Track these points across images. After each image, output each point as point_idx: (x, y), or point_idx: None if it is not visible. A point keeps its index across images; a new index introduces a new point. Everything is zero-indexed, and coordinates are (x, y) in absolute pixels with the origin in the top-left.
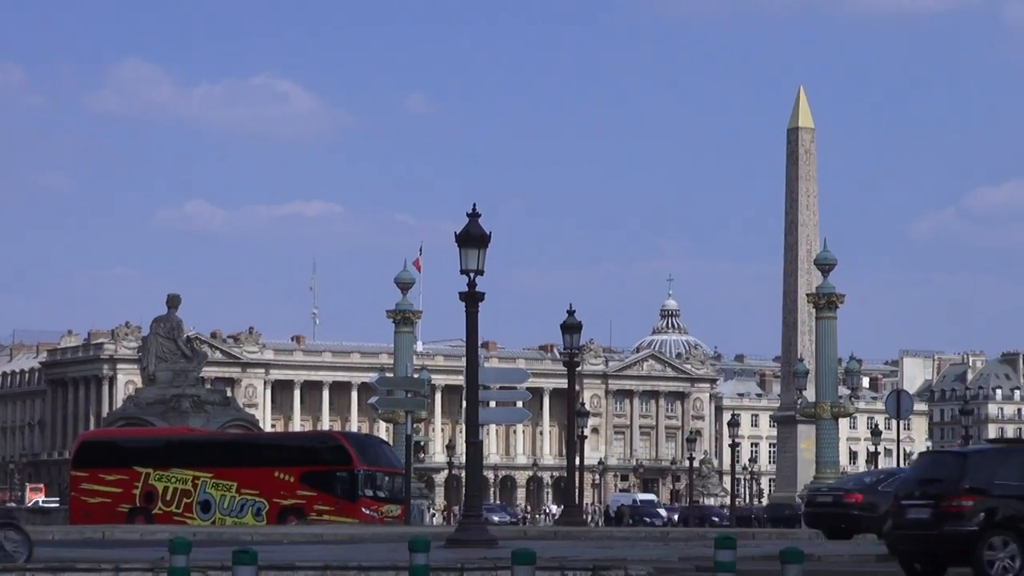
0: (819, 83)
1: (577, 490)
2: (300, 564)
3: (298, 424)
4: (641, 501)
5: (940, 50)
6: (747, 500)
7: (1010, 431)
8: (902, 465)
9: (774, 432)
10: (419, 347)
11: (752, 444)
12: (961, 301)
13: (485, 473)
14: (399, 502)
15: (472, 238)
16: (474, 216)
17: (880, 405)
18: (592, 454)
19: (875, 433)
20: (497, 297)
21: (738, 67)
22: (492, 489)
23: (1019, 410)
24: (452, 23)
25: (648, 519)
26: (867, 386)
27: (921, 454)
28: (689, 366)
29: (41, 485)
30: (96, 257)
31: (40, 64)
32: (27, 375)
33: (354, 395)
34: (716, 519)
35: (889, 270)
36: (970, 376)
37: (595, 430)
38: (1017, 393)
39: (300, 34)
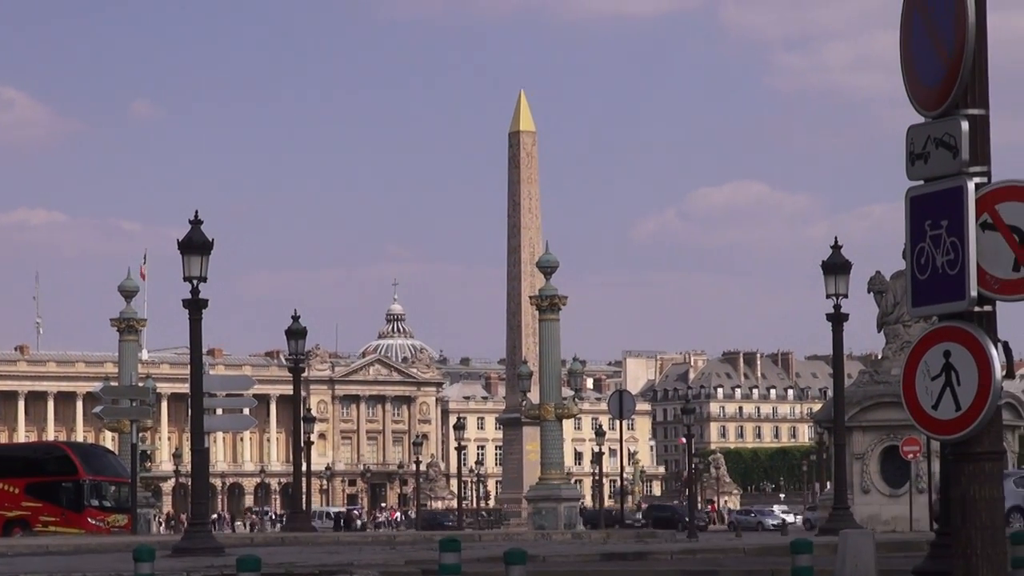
0: (541, 86)
1: (304, 496)
2: None
3: (23, 435)
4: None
5: (660, 52)
6: (474, 503)
7: (731, 429)
8: (625, 464)
9: (500, 434)
10: (144, 355)
11: (479, 446)
12: (682, 301)
13: (212, 480)
14: (126, 511)
15: (194, 245)
16: (196, 223)
17: (604, 406)
18: (319, 460)
19: (599, 433)
20: (223, 304)
21: (460, 71)
22: (220, 497)
23: (740, 408)
24: (176, 28)
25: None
26: (591, 387)
27: None
28: (415, 370)
29: None
30: None
31: None
32: None
33: (79, 405)
34: None
35: (611, 271)
36: (692, 375)
37: (322, 436)
38: (738, 391)
39: (23, 40)
